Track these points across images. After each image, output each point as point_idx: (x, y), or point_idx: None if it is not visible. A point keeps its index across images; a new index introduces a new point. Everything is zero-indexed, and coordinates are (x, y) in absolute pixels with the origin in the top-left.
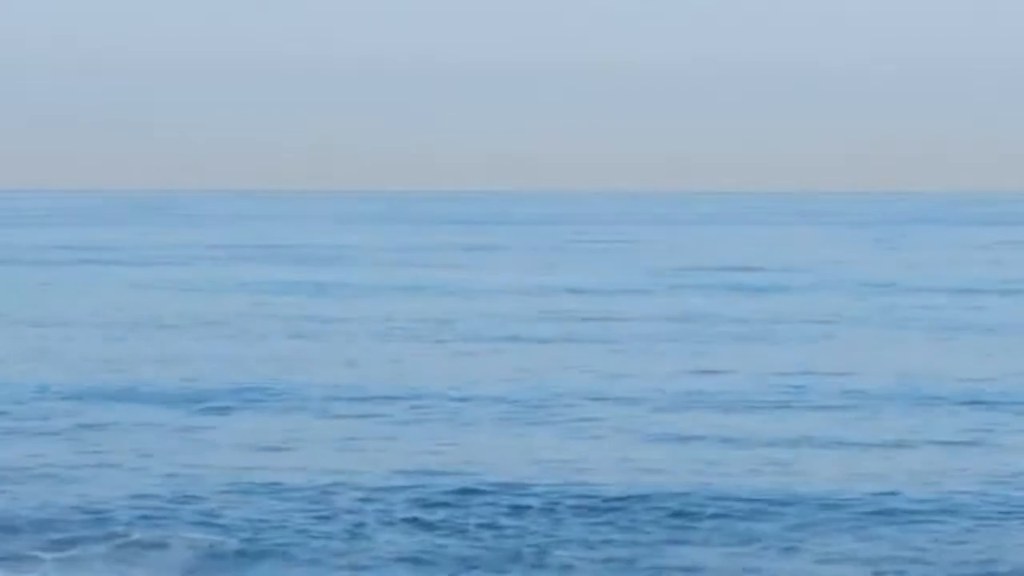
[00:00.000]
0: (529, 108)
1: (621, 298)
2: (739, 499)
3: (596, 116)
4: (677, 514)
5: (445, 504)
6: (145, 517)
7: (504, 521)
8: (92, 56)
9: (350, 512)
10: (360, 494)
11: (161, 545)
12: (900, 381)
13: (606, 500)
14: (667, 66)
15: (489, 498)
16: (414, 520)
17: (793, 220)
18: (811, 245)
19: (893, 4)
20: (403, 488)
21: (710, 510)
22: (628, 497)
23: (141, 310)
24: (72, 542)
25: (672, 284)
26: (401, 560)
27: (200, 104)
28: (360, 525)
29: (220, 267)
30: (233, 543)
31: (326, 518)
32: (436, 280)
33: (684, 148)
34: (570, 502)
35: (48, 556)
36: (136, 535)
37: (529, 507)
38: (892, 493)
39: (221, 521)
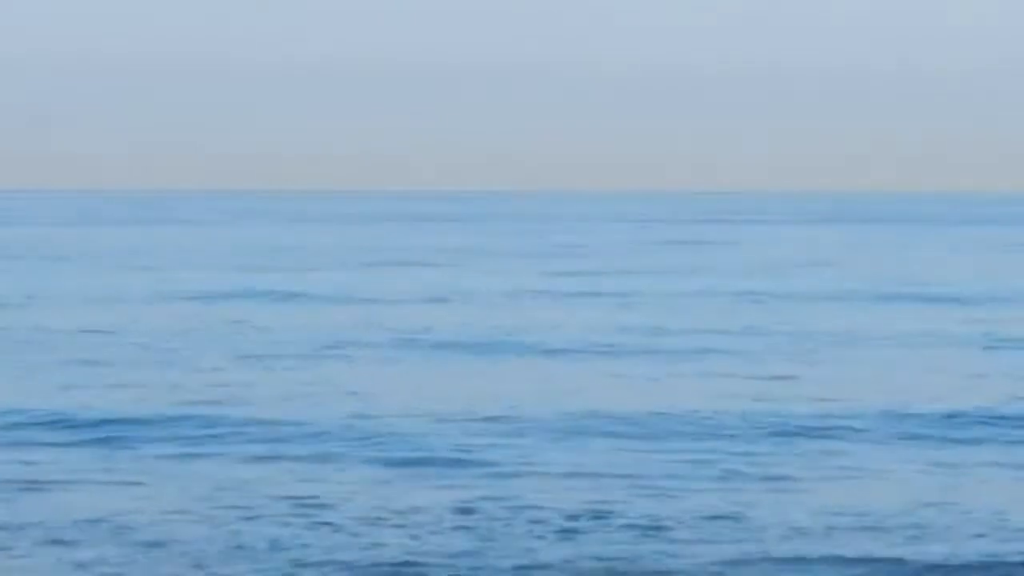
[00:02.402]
0: (529, 108)
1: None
2: None
3: (596, 116)
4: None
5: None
6: None
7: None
8: (91, 56)
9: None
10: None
11: None
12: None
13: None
14: (667, 67)
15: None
16: None
17: (811, 220)
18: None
19: (894, 4)
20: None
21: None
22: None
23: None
24: None
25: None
26: None
27: (202, 105)
28: None
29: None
30: None
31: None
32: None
33: (684, 148)
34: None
35: None
36: None
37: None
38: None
39: None
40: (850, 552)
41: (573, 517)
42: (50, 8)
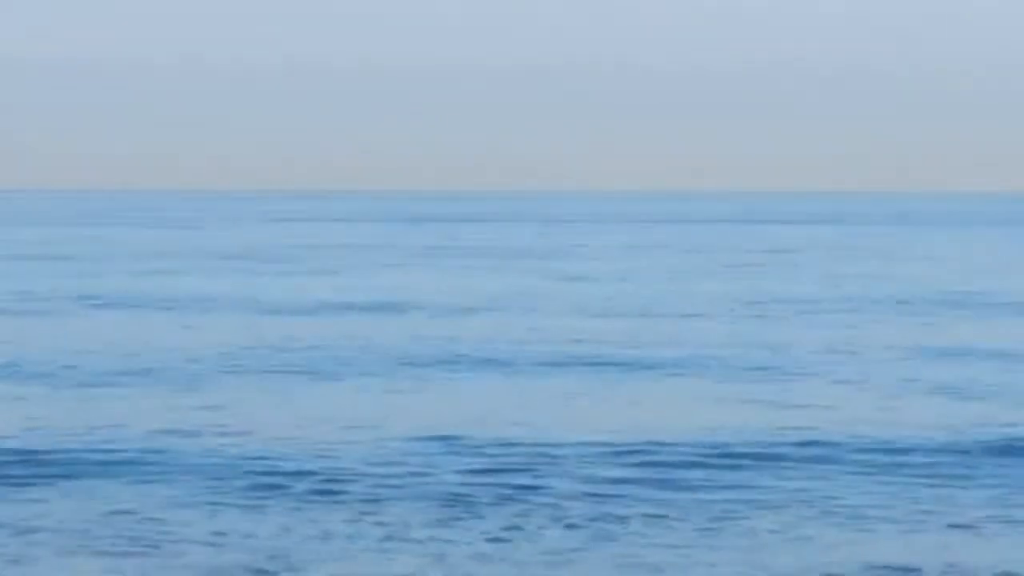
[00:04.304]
0: (529, 108)
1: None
2: None
3: (597, 117)
4: None
5: None
6: None
7: None
8: (90, 59)
9: None
10: None
11: None
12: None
13: None
14: (666, 68)
15: None
16: None
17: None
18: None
19: (895, 5)
20: None
21: None
22: None
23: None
24: None
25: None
26: None
27: (202, 106)
28: None
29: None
30: None
31: None
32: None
33: (681, 149)
34: None
35: None
36: None
37: None
38: None
39: None
40: None
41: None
42: (49, 10)
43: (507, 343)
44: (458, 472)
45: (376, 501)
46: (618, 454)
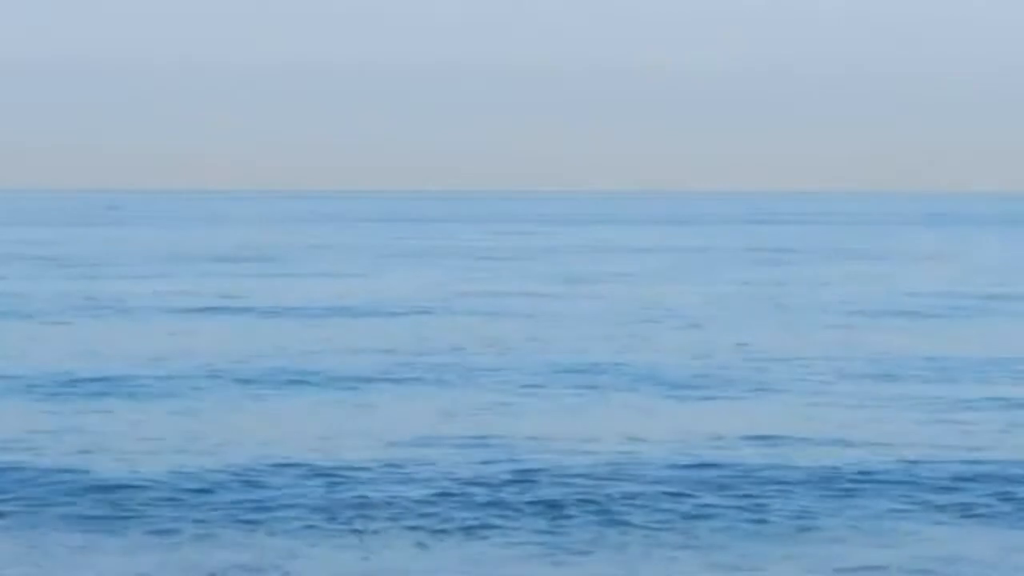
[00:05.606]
0: (529, 108)
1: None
2: None
3: (597, 117)
4: None
5: None
6: None
7: None
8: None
9: None
10: None
11: None
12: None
13: None
14: (666, 68)
15: None
16: None
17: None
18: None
19: (895, 5)
20: None
21: None
22: None
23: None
24: None
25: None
26: None
27: (208, 106)
28: None
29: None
30: None
31: None
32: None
33: (681, 149)
34: None
35: None
36: None
37: None
38: None
39: None
40: None
41: None
42: (49, 10)
43: (505, 347)
44: (457, 471)
45: (376, 501)
46: (616, 460)
